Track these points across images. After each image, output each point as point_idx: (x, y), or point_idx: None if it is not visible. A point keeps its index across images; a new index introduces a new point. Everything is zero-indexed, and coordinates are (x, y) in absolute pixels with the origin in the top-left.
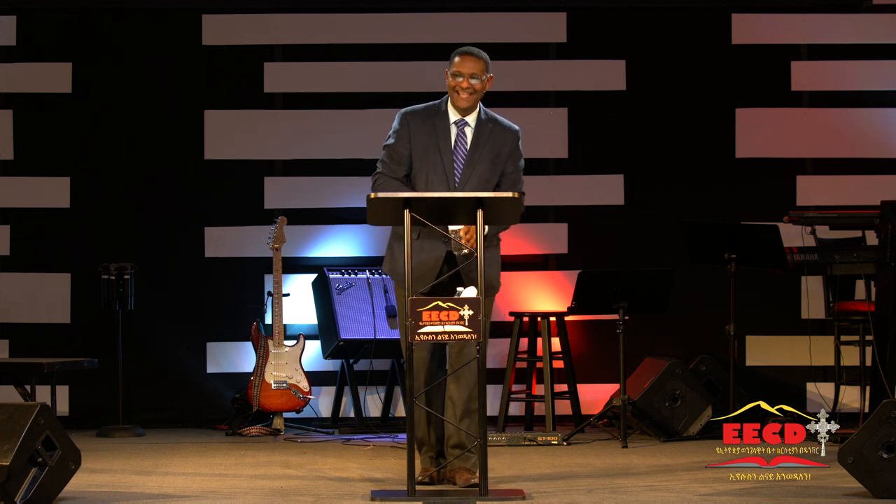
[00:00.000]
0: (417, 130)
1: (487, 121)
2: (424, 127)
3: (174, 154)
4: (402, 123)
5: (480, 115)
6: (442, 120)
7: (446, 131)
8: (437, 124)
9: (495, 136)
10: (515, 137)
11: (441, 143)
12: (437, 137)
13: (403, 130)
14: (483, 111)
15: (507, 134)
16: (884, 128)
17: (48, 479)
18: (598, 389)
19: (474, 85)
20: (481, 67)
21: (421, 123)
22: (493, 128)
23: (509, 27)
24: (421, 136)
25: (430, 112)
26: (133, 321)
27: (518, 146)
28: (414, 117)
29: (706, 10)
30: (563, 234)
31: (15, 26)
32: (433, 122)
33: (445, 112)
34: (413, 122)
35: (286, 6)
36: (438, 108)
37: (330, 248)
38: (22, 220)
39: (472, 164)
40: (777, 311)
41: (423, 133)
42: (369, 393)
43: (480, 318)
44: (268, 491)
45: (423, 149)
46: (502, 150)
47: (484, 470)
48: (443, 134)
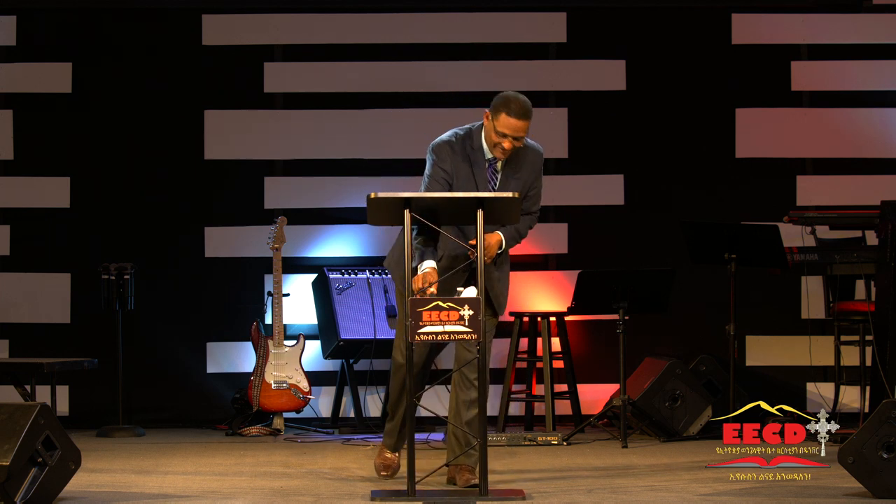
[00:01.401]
0: (457, 163)
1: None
2: (461, 158)
3: (174, 154)
4: (442, 154)
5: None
6: (478, 156)
7: (482, 168)
8: (473, 160)
9: (522, 163)
10: (541, 160)
11: (477, 177)
12: (474, 171)
13: (445, 161)
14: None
15: (534, 159)
16: (884, 128)
17: (48, 479)
18: (598, 389)
19: (516, 145)
20: (527, 127)
21: (461, 158)
22: (521, 157)
23: (509, 27)
24: (460, 169)
25: (466, 146)
26: (133, 321)
27: (541, 168)
28: (453, 149)
29: (706, 10)
30: (563, 234)
31: (15, 26)
32: (468, 156)
33: (480, 147)
34: (453, 153)
35: (286, 6)
36: (472, 141)
37: (330, 248)
38: (22, 220)
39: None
40: (777, 311)
41: (461, 167)
42: (369, 393)
43: (480, 317)
44: (268, 491)
45: (461, 182)
46: (529, 179)
47: (484, 470)
48: (478, 167)
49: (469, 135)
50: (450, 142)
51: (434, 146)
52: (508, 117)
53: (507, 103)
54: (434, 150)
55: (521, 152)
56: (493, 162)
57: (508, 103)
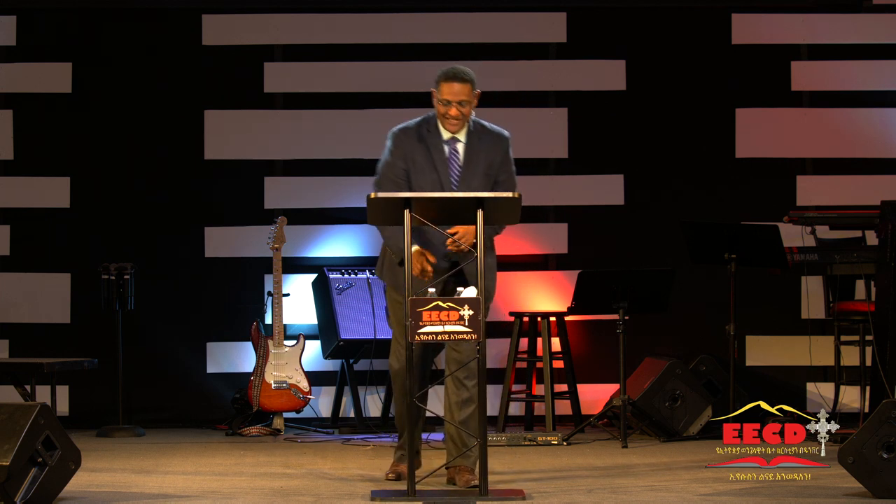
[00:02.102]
0: (412, 148)
1: (477, 132)
2: (419, 146)
3: (174, 154)
4: (397, 143)
5: (470, 128)
6: (434, 137)
7: (440, 148)
8: (429, 142)
9: (486, 147)
10: (506, 144)
11: (436, 160)
12: (432, 155)
13: (399, 150)
14: (472, 122)
15: (498, 143)
16: (884, 128)
17: (48, 479)
18: (598, 389)
19: (463, 111)
20: (468, 91)
21: (416, 141)
22: (483, 138)
23: (509, 27)
24: (415, 153)
25: (422, 129)
26: (133, 321)
27: (509, 153)
28: (408, 135)
29: (706, 10)
30: (563, 234)
31: (15, 26)
32: (426, 140)
33: (437, 129)
34: (407, 139)
35: (286, 6)
36: (429, 125)
37: (330, 248)
38: (22, 220)
39: (466, 180)
40: (777, 311)
41: (416, 151)
42: (369, 393)
43: (480, 317)
44: (268, 491)
45: (419, 166)
46: (494, 160)
47: (484, 470)
48: (437, 151)
49: (426, 119)
50: (405, 128)
51: (391, 133)
52: (445, 83)
53: (443, 72)
54: (391, 136)
55: (484, 135)
56: (453, 143)
57: (445, 71)
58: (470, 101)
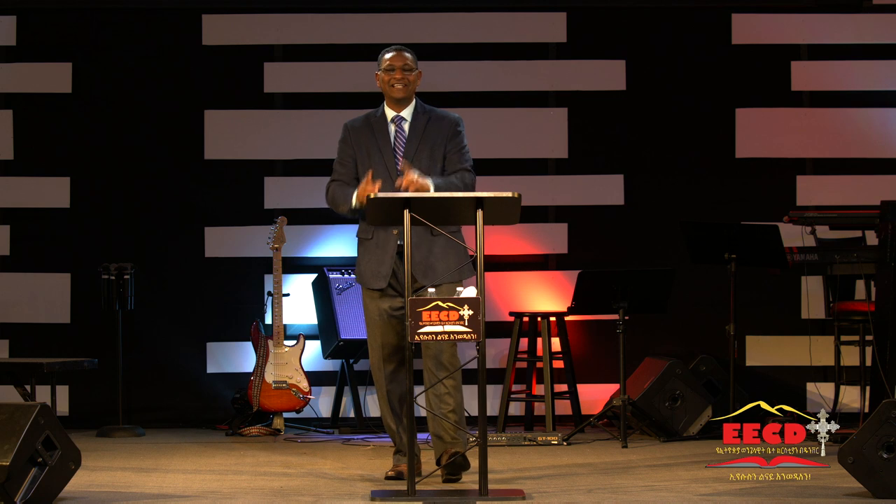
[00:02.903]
0: (358, 135)
1: (423, 113)
2: (365, 130)
3: (174, 154)
4: (344, 133)
5: (417, 109)
6: (379, 121)
7: (384, 130)
8: (375, 126)
9: (431, 126)
10: (453, 124)
11: (381, 141)
12: (377, 137)
13: (346, 139)
14: (419, 105)
15: (442, 122)
16: (884, 128)
17: (48, 479)
18: (598, 389)
19: (407, 76)
20: (410, 59)
21: (361, 128)
22: (429, 119)
23: (509, 27)
24: (362, 139)
25: (370, 117)
26: (133, 321)
27: (458, 131)
28: (354, 124)
29: (706, 10)
30: (563, 234)
31: (15, 26)
32: (371, 124)
33: (383, 113)
34: (353, 128)
35: (286, 6)
36: (376, 112)
37: (330, 248)
38: (22, 220)
39: (409, 155)
40: (777, 311)
41: (363, 136)
42: (369, 393)
43: (480, 317)
44: (268, 491)
45: (365, 151)
46: (437, 139)
47: (484, 470)
48: (381, 133)
49: (375, 109)
50: (353, 119)
51: (343, 126)
52: (387, 54)
53: (383, 50)
54: (342, 128)
55: (433, 115)
56: (399, 122)
57: (384, 49)
58: (413, 69)
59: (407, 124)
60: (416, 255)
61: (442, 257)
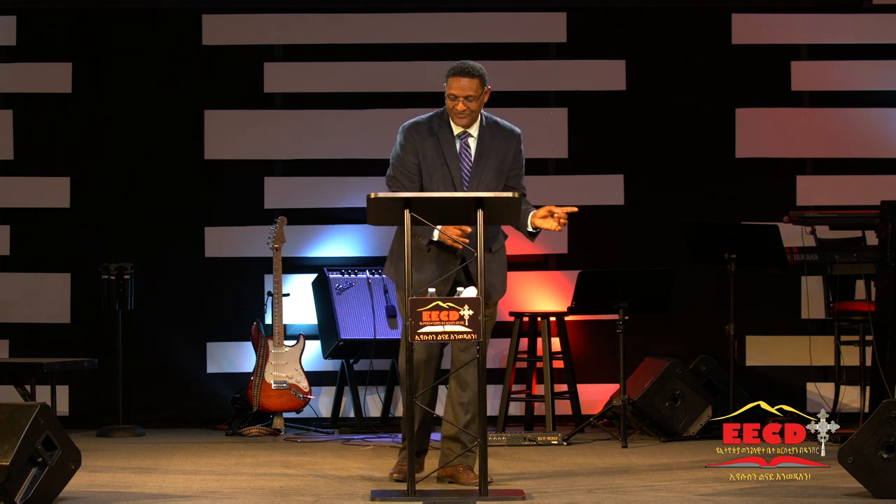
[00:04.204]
0: (423, 143)
1: (489, 127)
2: (430, 139)
3: (174, 154)
4: (408, 137)
5: (482, 123)
6: (445, 132)
7: (451, 143)
8: (441, 136)
9: (498, 143)
10: (518, 141)
11: (447, 155)
12: (443, 149)
13: (409, 144)
14: (484, 118)
15: (510, 139)
16: (884, 128)
17: (48, 479)
18: (598, 389)
19: (470, 106)
20: (475, 86)
21: (427, 136)
22: (495, 134)
23: (509, 27)
24: (427, 148)
25: (434, 124)
26: (133, 321)
27: (521, 149)
28: (418, 130)
29: (706, 10)
30: (563, 234)
31: (15, 26)
32: (437, 134)
33: (448, 124)
34: (418, 134)
35: (286, 6)
36: (441, 120)
37: (330, 248)
38: (22, 220)
39: (477, 175)
40: (777, 311)
41: (428, 145)
42: (369, 393)
43: (480, 317)
44: (268, 491)
45: (430, 161)
46: (506, 156)
47: (484, 470)
48: (447, 146)
49: (438, 114)
50: (416, 122)
51: (402, 127)
52: (453, 78)
53: (452, 67)
54: (402, 131)
55: (497, 131)
56: (464, 137)
57: (454, 66)
58: (477, 96)
59: (473, 140)
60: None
61: (498, 273)
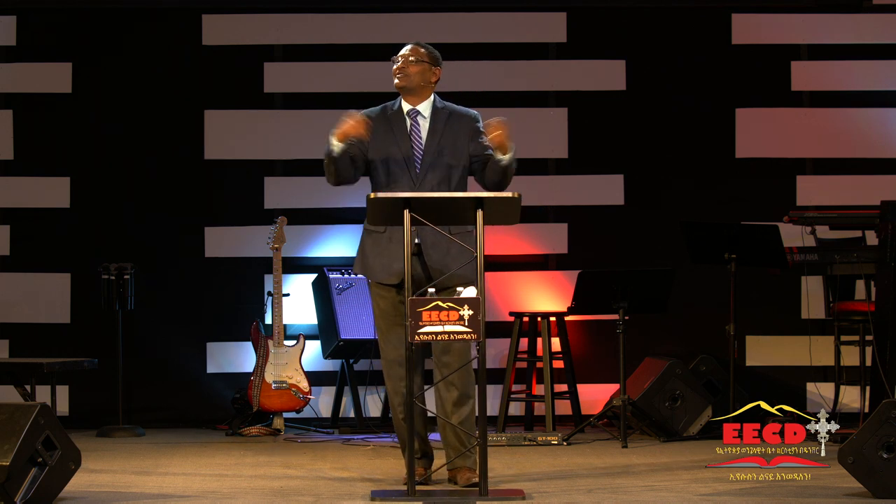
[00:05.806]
0: (376, 124)
1: (443, 109)
2: (381, 119)
3: (174, 154)
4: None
5: (435, 104)
6: (396, 113)
7: (401, 120)
8: (391, 117)
9: (452, 123)
10: (475, 120)
11: (397, 133)
12: (393, 129)
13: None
14: (438, 101)
15: (464, 119)
16: (884, 128)
17: (48, 479)
18: (598, 389)
19: (409, 67)
20: (419, 53)
21: (378, 117)
22: (449, 115)
23: (509, 27)
24: (378, 126)
25: (386, 108)
26: (133, 321)
27: (478, 128)
28: (370, 112)
29: (706, 10)
30: (563, 234)
31: (15, 26)
32: (387, 116)
33: (399, 106)
34: (368, 115)
35: (286, 6)
36: (393, 105)
37: (330, 248)
38: (22, 220)
39: (431, 152)
40: (777, 311)
41: (379, 124)
42: (369, 393)
43: (480, 317)
44: (268, 491)
45: (380, 141)
46: (460, 135)
47: (484, 470)
48: (398, 124)
49: (392, 102)
50: (369, 109)
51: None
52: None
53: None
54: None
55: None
56: (414, 115)
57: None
58: (417, 61)
59: (424, 119)
60: (434, 256)
61: (458, 258)
